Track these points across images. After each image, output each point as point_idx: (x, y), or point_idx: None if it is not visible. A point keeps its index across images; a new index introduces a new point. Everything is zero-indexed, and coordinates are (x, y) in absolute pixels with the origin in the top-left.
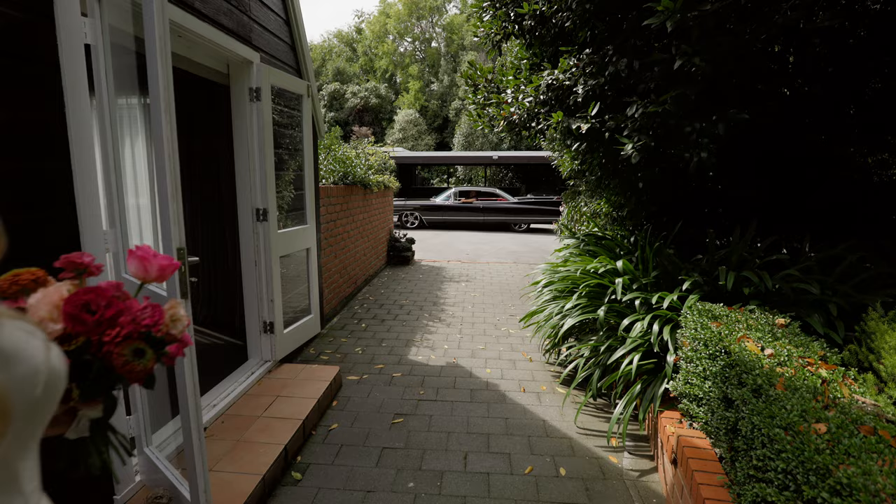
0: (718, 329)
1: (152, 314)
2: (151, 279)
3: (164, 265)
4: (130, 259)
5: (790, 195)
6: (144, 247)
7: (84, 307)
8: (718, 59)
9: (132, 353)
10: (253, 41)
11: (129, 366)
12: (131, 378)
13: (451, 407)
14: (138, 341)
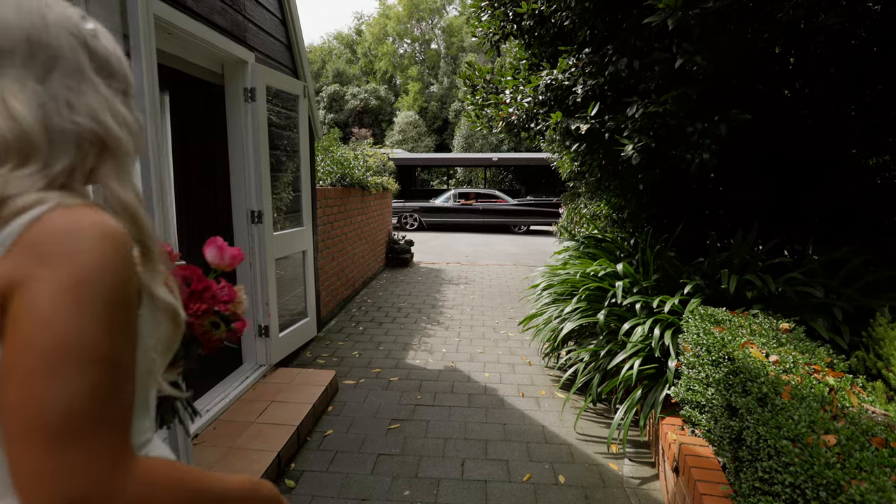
0: (721, 334)
1: (228, 293)
2: (224, 266)
3: (234, 255)
4: (208, 247)
5: (791, 197)
6: (219, 238)
7: (184, 280)
8: (720, 59)
9: (210, 324)
10: (248, 41)
11: (208, 335)
12: (207, 346)
13: (448, 412)
14: (214, 315)
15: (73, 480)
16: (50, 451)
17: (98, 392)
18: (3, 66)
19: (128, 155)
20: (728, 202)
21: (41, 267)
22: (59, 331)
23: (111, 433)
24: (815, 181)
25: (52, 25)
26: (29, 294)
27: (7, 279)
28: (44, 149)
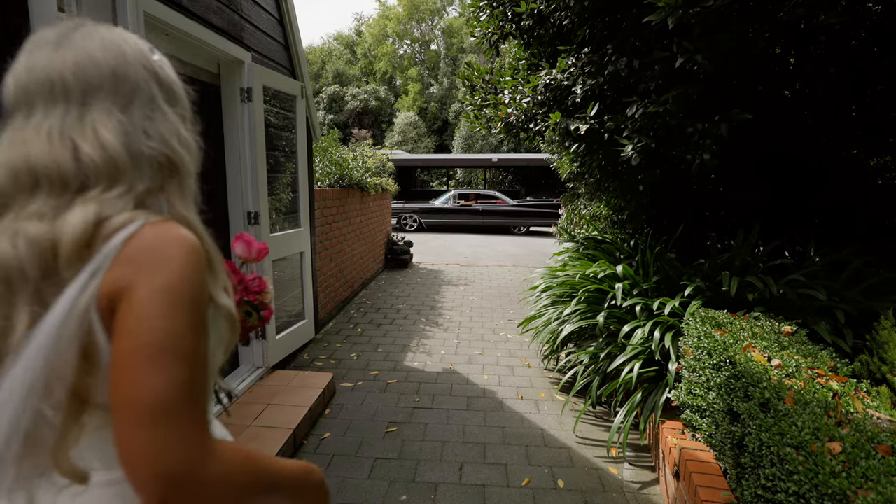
0: (723, 338)
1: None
2: (252, 259)
3: (261, 248)
4: (237, 242)
5: (792, 198)
6: (245, 234)
7: None
8: (720, 58)
9: (244, 313)
10: (244, 40)
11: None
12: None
13: (446, 415)
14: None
15: (168, 456)
16: (150, 431)
17: (186, 381)
18: (93, 99)
19: (189, 175)
20: (728, 203)
21: (139, 277)
22: (155, 329)
23: (197, 417)
24: (815, 182)
25: (131, 60)
26: (131, 300)
27: (114, 288)
28: (128, 172)
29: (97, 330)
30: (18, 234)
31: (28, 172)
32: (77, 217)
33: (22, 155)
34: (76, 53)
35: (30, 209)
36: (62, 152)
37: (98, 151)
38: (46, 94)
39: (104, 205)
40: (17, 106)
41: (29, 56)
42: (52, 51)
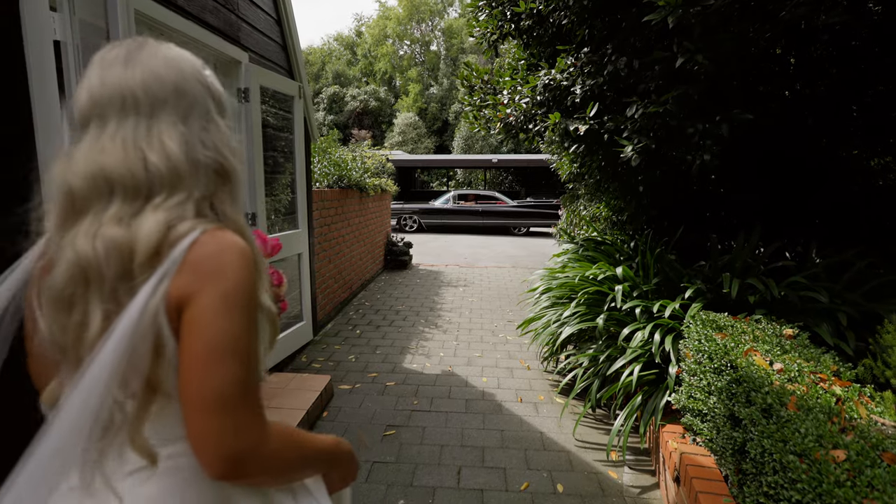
0: (724, 341)
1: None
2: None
3: (275, 244)
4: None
5: (793, 199)
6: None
7: None
8: (721, 58)
9: None
10: (241, 40)
11: None
12: None
13: (445, 418)
14: None
15: (232, 440)
16: (217, 420)
17: (244, 376)
18: (159, 112)
19: (239, 181)
20: (729, 204)
21: (203, 284)
22: (218, 332)
23: (255, 404)
24: (816, 183)
25: (189, 76)
26: (197, 305)
27: (182, 293)
28: (187, 180)
29: (164, 328)
30: (98, 236)
31: (105, 179)
32: (150, 225)
33: (98, 163)
34: (143, 70)
35: (109, 213)
36: (135, 161)
37: (163, 161)
38: (119, 108)
39: (170, 212)
40: (91, 117)
41: (101, 72)
42: (122, 68)
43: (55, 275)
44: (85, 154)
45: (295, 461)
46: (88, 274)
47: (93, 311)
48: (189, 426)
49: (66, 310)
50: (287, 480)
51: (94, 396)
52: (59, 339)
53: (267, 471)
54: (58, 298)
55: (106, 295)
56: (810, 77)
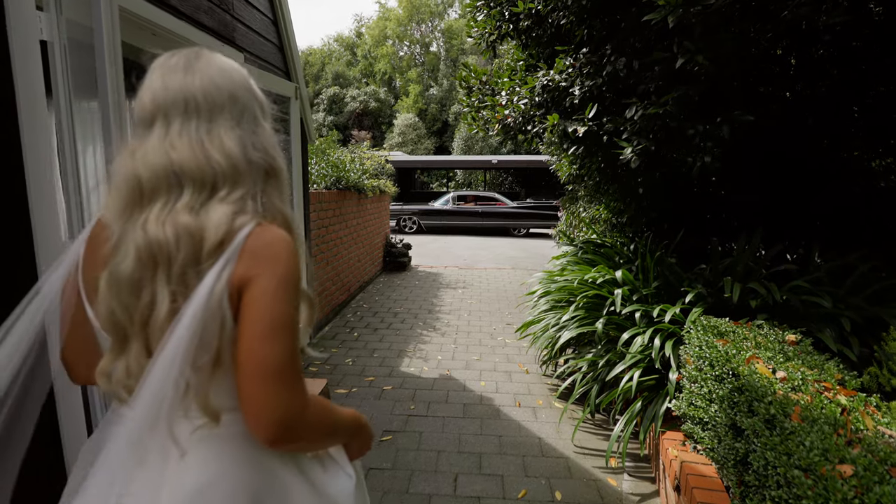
0: (725, 348)
1: None
2: None
3: None
4: None
5: (794, 200)
6: None
7: None
8: (722, 59)
9: None
10: (236, 41)
11: None
12: None
13: (442, 423)
14: None
15: (282, 406)
16: (270, 388)
17: (292, 350)
18: (217, 116)
19: (284, 178)
20: (729, 206)
21: (260, 270)
22: (273, 311)
23: (299, 376)
24: (817, 184)
25: (239, 84)
26: (256, 288)
27: (242, 277)
28: (245, 176)
29: (226, 308)
30: (170, 222)
31: (174, 173)
32: (220, 215)
33: (169, 158)
34: (202, 78)
35: (182, 202)
36: (201, 158)
37: (225, 159)
38: (182, 110)
39: (234, 205)
40: (155, 117)
41: (163, 78)
42: (182, 75)
43: (121, 259)
44: (155, 149)
45: (328, 428)
46: (158, 258)
47: (161, 292)
48: (245, 395)
49: (134, 292)
50: (321, 446)
51: (174, 368)
52: (122, 319)
53: (307, 436)
54: (125, 281)
55: (174, 278)
56: (811, 78)
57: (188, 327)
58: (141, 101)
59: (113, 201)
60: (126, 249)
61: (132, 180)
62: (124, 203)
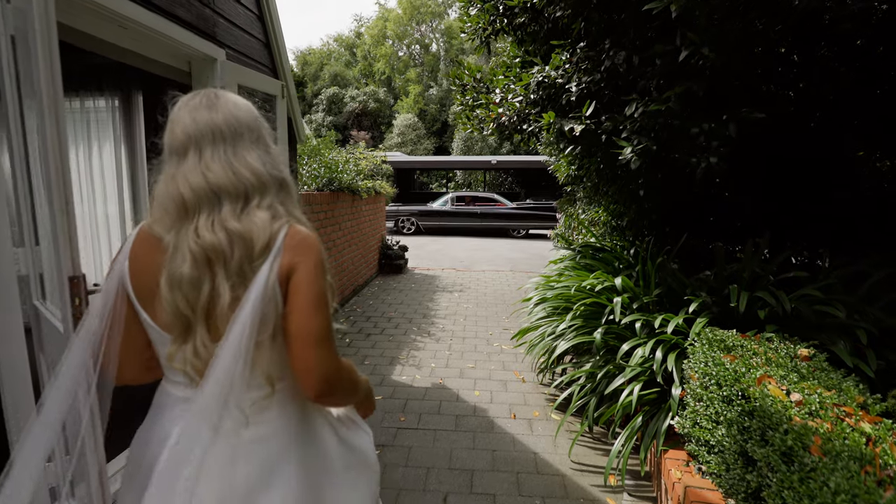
0: (733, 365)
1: None
2: None
3: None
4: None
5: (803, 203)
6: None
7: None
8: (729, 52)
9: None
10: (217, 36)
11: None
12: None
13: (433, 436)
14: None
15: (326, 365)
16: (316, 351)
17: (329, 321)
18: (239, 142)
19: (294, 189)
20: (734, 209)
21: (301, 259)
22: (313, 290)
23: (334, 342)
24: (826, 186)
25: (252, 115)
26: (299, 273)
27: (288, 266)
28: (268, 188)
29: (277, 291)
30: (220, 228)
31: (212, 189)
32: (262, 220)
33: (206, 178)
34: (224, 113)
35: (224, 211)
36: (231, 176)
37: (251, 175)
38: (210, 139)
39: (268, 211)
40: (188, 147)
41: (191, 114)
42: (207, 111)
43: (179, 263)
44: (192, 172)
45: (354, 385)
46: (213, 258)
47: (222, 285)
48: (297, 358)
49: (195, 288)
50: (348, 401)
51: (242, 346)
52: (185, 311)
53: (341, 390)
54: (186, 280)
55: (232, 273)
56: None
57: (251, 311)
58: (173, 133)
59: (163, 218)
60: (182, 255)
61: (178, 199)
62: (173, 218)
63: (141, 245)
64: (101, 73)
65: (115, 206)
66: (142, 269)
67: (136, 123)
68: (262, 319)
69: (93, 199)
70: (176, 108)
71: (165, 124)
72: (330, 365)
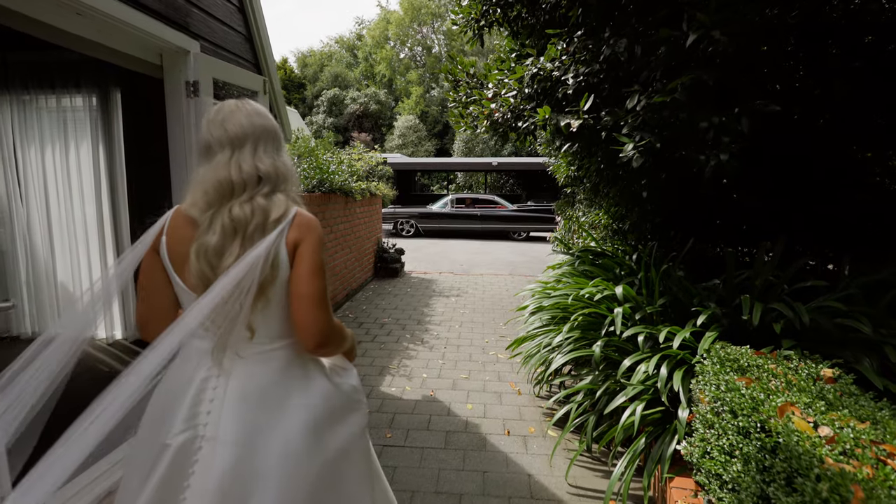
0: (750, 391)
1: None
2: None
3: None
4: None
5: (815, 205)
6: None
7: None
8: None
9: None
10: (190, 27)
11: None
12: None
13: (420, 455)
14: None
15: (324, 321)
16: (316, 310)
17: (325, 285)
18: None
19: (297, 182)
20: (742, 212)
21: (306, 234)
22: (314, 260)
23: (329, 303)
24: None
25: (269, 122)
26: (304, 245)
27: (296, 239)
28: (280, 180)
29: (284, 258)
30: (248, 205)
31: (242, 179)
32: (280, 201)
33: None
34: (245, 120)
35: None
36: (254, 169)
37: (271, 169)
38: (236, 141)
39: (287, 196)
40: (219, 147)
41: (225, 119)
42: (232, 117)
43: (210, 235)
44: (224, 166)
45: (343, 337)
46: (239, 225)
47: (233, 246)
48: (299, 314)
49: (218, 255)
50: (338, 351)
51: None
52: (208, 274)
53: (334, 342)
54: (212, 249)
55: (246, 240)
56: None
57: (246, 264)
58: (211, 135)
59: (200, 201)
60: (214, 229)
61: (226, 182)
62: (210, 200)
63: (176, 221)
64: (78, 71)
65: (92, 207)
66: (177, 241)
67: (115, 122)
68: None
69: (70, 201)
70: (226, 109)
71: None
72: (325, 321)
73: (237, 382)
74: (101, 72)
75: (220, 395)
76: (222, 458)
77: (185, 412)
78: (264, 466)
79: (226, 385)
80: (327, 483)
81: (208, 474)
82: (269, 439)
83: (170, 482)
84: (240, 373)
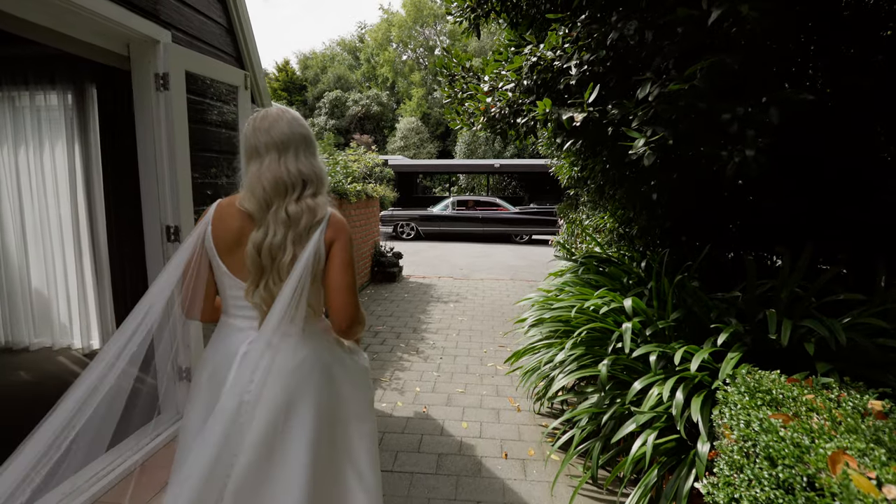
0: (792, 434)
1: None
2: None
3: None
4: None
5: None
6: None
7: None
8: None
9: None
10: (160, 15)
11: None
12: None
13: (409, 482)
14: None
15: (354, 306)
16: (348, 297)
17: (355, 277)
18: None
19: (328, 185)
20: (760, 215)
21: (339, 233)
22: (346, 256)
23: (357, 292)
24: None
25: (306, 129)
26: (337, 243)
27: (331, 238)
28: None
29: (322, 253)
30: (299, 204)
31: (291, 180)
32: (324, 202)
33: (284, 173)
34: (288, 127)
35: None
36: (296, 173)
37: (311, 172)
38: (280, 147)
39: (326, 198)
40: (266, 151)
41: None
42: (279, 125)
43: (272, 234)
44: (275, 168)
45: (364, 321)
46: (292, 222)
47: (289, 245)
48: (333, 301)
49: (281, 250)
50: (359, 333)
51: (297, 287)
52: (266, 264)
53: (358, 326)
54: (276, 246)
55: (298, 234)
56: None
57: (305, 263)
58: (258, 139)
59: (258, 196)
60: (275, 229)
61: (280, 180)
62: (266, 198)
63: (222, 213)
64: (52, 66)
65: (67, 206)
66: (224, 230)
67: (90, 118)
68: (311, 267)
69: (45, 200)
70: (271, 117)
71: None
72: (354, 307)
73: (281, 356)
74: (76, 67)
75: (265, 366)
76: (265, 419)
77: (233, 380)
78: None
79: (272, 358)
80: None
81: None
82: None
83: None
84: (283, 347)
